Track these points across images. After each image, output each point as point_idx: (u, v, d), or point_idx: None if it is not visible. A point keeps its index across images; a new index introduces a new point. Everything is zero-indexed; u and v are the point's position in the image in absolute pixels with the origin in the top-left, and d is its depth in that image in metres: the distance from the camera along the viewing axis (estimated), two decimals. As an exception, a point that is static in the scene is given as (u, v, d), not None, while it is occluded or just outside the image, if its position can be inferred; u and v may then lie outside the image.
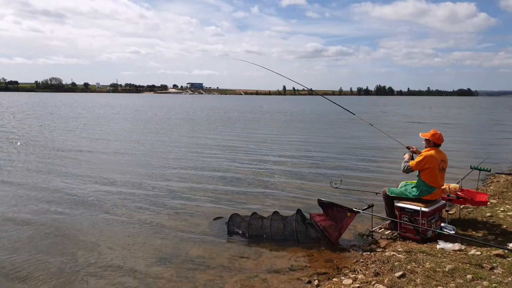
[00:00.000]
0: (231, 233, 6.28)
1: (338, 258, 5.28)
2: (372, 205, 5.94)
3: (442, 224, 5.83)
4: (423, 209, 5.44)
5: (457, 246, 4.99)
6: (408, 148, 6.32)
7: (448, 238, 5.36)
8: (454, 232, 5.69)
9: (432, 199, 5.69)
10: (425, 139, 5.88)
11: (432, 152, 5.69)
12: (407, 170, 5.71)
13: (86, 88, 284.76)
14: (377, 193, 6.66)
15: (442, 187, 6.01)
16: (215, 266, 5.12)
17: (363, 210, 5.79)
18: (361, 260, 5.10)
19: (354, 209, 5.71)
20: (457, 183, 6.79)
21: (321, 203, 5.96)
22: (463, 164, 10.84)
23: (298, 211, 6.13)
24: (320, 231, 5.78)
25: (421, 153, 6.20)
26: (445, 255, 4.81)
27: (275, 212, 6.30)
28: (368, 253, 5.35)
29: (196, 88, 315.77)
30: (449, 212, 6.38)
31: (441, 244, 5.08)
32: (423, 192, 5.64)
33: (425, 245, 5.30)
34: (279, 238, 5.96)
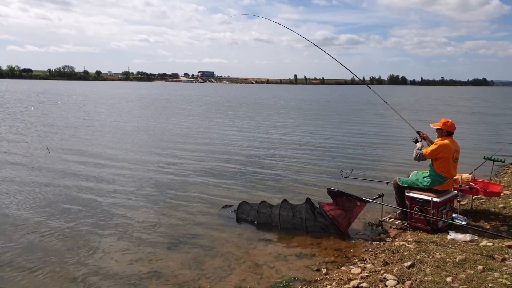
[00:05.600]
0: (240, 221, 6.30)
1: (347, 247, 5.26)
2: (383, 195, 5.88)
3: (454, 215, 5.76)
4: (434, 199, 5.37)
5: (468, 237, 4.92)
6: (418, 132, 6.22)
7: (459, 229, 5.30)
8: (465, 223, 5.61)
9: (444, 189, 5.62)
10: (437, 128, 5.78)
11: (446, 141, 5.60)
12: (420, 157, 5.61)
13: (98, 76, 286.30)
14: (387, 182, 6.59)
15: (454, 177, 5.93)
16: (223, 253, 5.14)
17: (373, 199, 5.74)
18: (370, 249, 5.07)
19: (364, 198, 5.66)
20: (470, 174, 6.68)
21: (330, 192, 5.92)
22: (477, 155, 10.65)
23: (308, 200, 6.11)
24: (329, 220, 5.76)
25: (431, 140, 6.12)
26: (456, 245, 4.75)
27: (284, 201, 6.28)
28: (378, 242, 5.32)
29: (207, 76, 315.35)
30: (460, 203, 6.30)
31: (452, 235, 5.02)
32: (435, 182, 5.57)
33: (435, 235, 5.24)
34: (288, 226, 5.96)
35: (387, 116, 24.46)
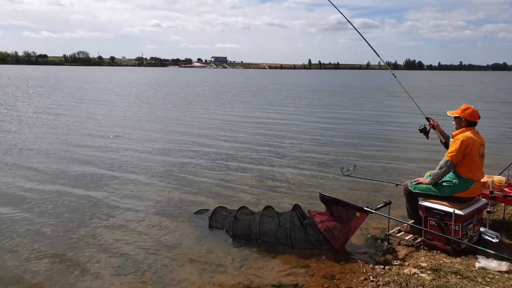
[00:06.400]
0: (213, 231, 5.12)
1: (341, 273, 4.04)
2: (390, 203, 4.62)
3: (482, 229, 4.48)
4: (456, 211, 4.09)
5: (504, 266, 3.65)
6: (427, 119, 4.92)
7: (489, 246, 4.03)
8: (497, 240, 4.35)
9: (469, 196, 4.32)
10: (455, 117, 4.46)
11: (468, 133, 4.29)
12: (449, 167, 4.24)
13: (113, 61, 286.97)
14: (397, 184, 5.30)
15: (483, 180, 4.63)
16: (181, 279, 3.99)
17: (377, 209, 4.49)
18: (371, 278, 3.86)
19: (365, 208, 4.41)
20: (500, 174, 5.36)
21: (323, 198, 4.69)
22: (506, 149, 9.19)
23: (296, 207, 4.90)
24: (320, 234, 4.54)
25: (442, 131, 4.82)
26: (489, 279, 3.49)
27: (268, 207, 5.08)
28: (381, 267, 4.09)
29: (220, 62, 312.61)
30: (490, 212, 4.96)
31: (482, 262, 3.75)
32: (458, 188, 4.27)
33: (458, 259, 3.99)
34: (270, 240, 4.76)
35: (401, 106, 22.71)
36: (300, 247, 4.58)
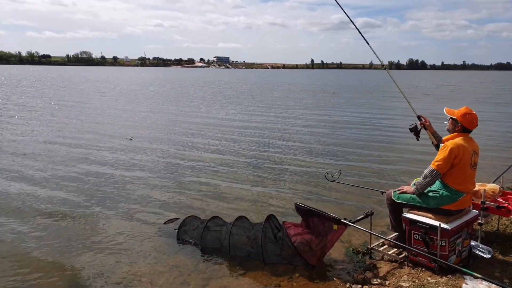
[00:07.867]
0: (182, 242, 4.72)
1: (314, 294, 3.64)
2: (371, 214, 4.21)
3: (473, 243, 4.07)
4: (443, 225, 3.67)
5: (494, 289, 3.23)
6: (419, 118, 4.47)
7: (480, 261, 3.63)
8: (489, 256, 3.94)
9: (458, 208, 3.89)
10: (451, 118, 4.00)
11: (459, 140, 3.83)
12: (434, 177, 3.81)
13: (115, 61, 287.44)
14: (383, 192, 4.88)
15: (475, 189, 4.21)
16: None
17: (356, 221, 4.07)
18: (347, 299, 3.45)
19: (343, 220, 4.00)
20: (494, 182, 4.93)
21: (298, 209, 4.28)
22: (502, 153, 8.71)
23: (270, 217, 4.49)
24: (293, 248, 4.13)
25: (434, 131, 4.38)
26: (475, 305, 3.08)
27: (241, 217, 4.68)
28: (359, 286, 3.68)
29: (222, 62, 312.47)
30: (482, 224, 4.53)
31: (469, 283, 3.34)
32: (444, 200, 3.83)
33: (444, 278, 3.58)
34: (241, 254, 4.36)
35: (395, 108, 22.02)
36: (272, 262, 4.18)
